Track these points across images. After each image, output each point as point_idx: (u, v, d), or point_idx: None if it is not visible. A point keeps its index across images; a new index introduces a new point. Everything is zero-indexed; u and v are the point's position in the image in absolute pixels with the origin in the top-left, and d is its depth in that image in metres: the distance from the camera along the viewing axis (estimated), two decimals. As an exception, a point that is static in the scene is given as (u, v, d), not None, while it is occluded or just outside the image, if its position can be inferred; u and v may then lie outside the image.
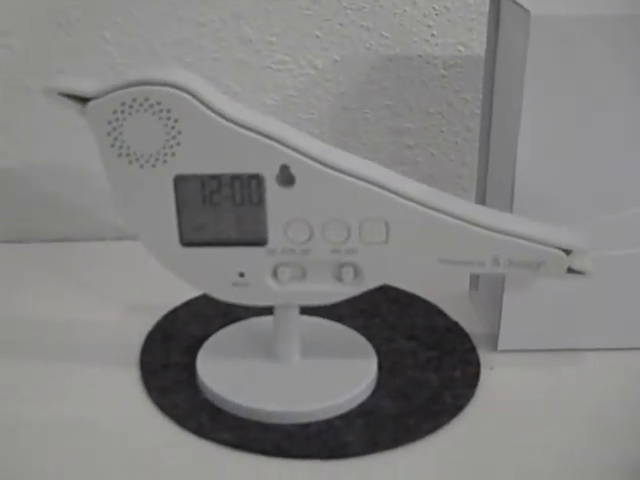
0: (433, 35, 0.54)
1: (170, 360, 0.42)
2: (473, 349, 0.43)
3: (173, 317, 0.46)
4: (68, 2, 0.52)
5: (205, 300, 0.46)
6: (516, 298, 0.42)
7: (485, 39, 0.44)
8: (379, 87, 0.55)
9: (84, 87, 0.33)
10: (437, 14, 0.54)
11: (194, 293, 0.47)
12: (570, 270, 0.37)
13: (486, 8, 0.44)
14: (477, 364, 0.42)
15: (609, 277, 0.42)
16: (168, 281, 0.38)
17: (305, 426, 0.37)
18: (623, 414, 0.39)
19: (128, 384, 0.40)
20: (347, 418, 0.38)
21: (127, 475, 0.35)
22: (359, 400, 0.39)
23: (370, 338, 0.43)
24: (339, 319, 0.44)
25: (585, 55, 0.38)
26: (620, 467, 0.35)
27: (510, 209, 0.40)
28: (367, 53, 0.54)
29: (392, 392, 0.40)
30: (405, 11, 0.54)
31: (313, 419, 0.37)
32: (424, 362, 0.42)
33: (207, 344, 0.42)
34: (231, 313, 0.44)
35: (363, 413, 0.38)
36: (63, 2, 0.52)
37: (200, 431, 0.37)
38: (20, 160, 0.56)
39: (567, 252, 0.36)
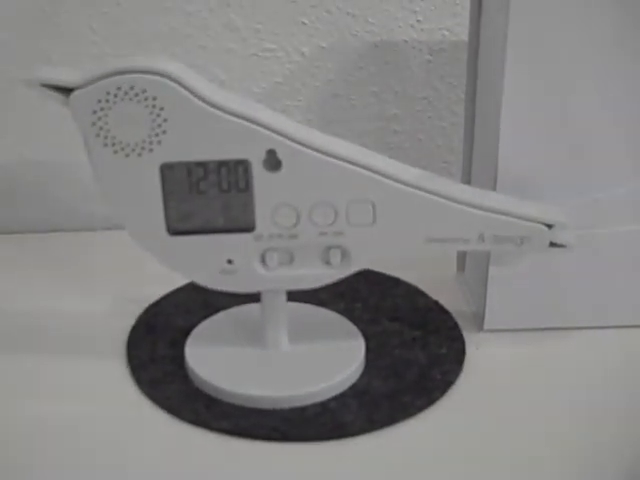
0: (418, 21, 0.55)
1: (157, 353, 0.42)
2: (456, 326, 0.44)
3: (155, 310, 0.46)
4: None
5: (186, 291, 0.47)
6: (501, 278, 0.43)
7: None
8: (366, 73, 0.56)
9: (67, 77, 0.33)
10: (422, 0, 0.54)
11: (181, 282, 0.47)
12: (552, 244, 0.37)
13: (470, -7, 0.44)
14: (461, 340, 0.43)
15: (594, 256, 0.42)
16: (158, 270, 0.38)
17: (301, 409, 0.37)
18: (609, 391, 0.39)
19: (117, 377, 0.40)
20: (342, 399, 0.38)
21: (128, 469, 0.35)
22: (351, 381, 0.39)
23: (354, 321, 0.43)
24: (321, 304, 0.45)
25: (566, 35, 0.38)
26: (605, 441, 0.36)
27: (494, 190, 0.41)
28: (353, 40, 0.55)
29: (382, 372, 0.40)
30: (390, -3, 0.54)
31: (308, 402, 0.38)
32: (410, 341, 0.43)
33: (193, 334, 0.42)
34: (213, 304, 0.45)
35: (357, 394, 0.39)
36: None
37: (197, 421, 0.37)
38: (7, 151, 0.56)
39: (549, 226, 0.37)
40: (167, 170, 0.35)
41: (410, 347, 0.42)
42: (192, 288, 0.44)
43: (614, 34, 0.38)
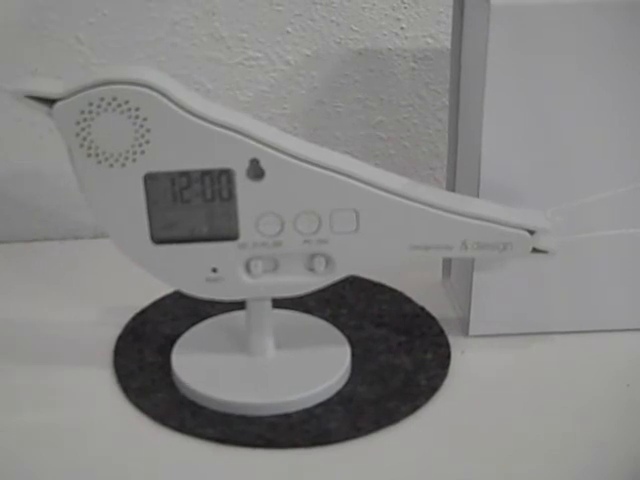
0: (402, 28, 0.55)
1: (144, 361, 0.42)
2: (441, 332, 0.44)
3: (142, 318, 0.46)
4: (41, 2, 0.52)
5: (173, 299, 0.47)
6: (486, 284, 0.43)
7: (452, 31, 0.45)
8: (351, 81, 0.56)
9: (51, 88, 0.34)
10: (405, 7, 0.54)
11: (168, 291, 0.47)
12: (534, 250, 0.38)
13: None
14: (447, 346, 0.43)
15: (577, 261, 0.43)
16: (144, 279, 0.38)
17: (287, 416, 0.38)
18: (594, 395, 0.40)
19: (104, 385, 0.40)
20: (327, 406, 0.38)
21: (114, 477, 0.35)
22: (337, 387, 0.40)
23: (340, 327, 0.44)
24: (307, 311, 0.45)
25: (546, 43, 0.38)
26: (592, 444, 0.36)
27: (477, 196, 0.41)
28: (338, 47, 0.55)
29: (368, 378, 0.40)
30: (374, 5, 0.54)
31: (294, 409, 0.38)
32: (395, 347, 0.43)
33: (180, 342, 0.42)
34: (200, 311, 0.45)
35: (342, 400, 0.39)
36: (36, 2, 0.52)
37: (183, 428, 0.37)
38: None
39: (531, 232, 0.38)
40: (151, 180, 0.35)
41: (396, 353, 0.42)
42: (179, 296, 0.45)
43: (595, 41, 0.38)
